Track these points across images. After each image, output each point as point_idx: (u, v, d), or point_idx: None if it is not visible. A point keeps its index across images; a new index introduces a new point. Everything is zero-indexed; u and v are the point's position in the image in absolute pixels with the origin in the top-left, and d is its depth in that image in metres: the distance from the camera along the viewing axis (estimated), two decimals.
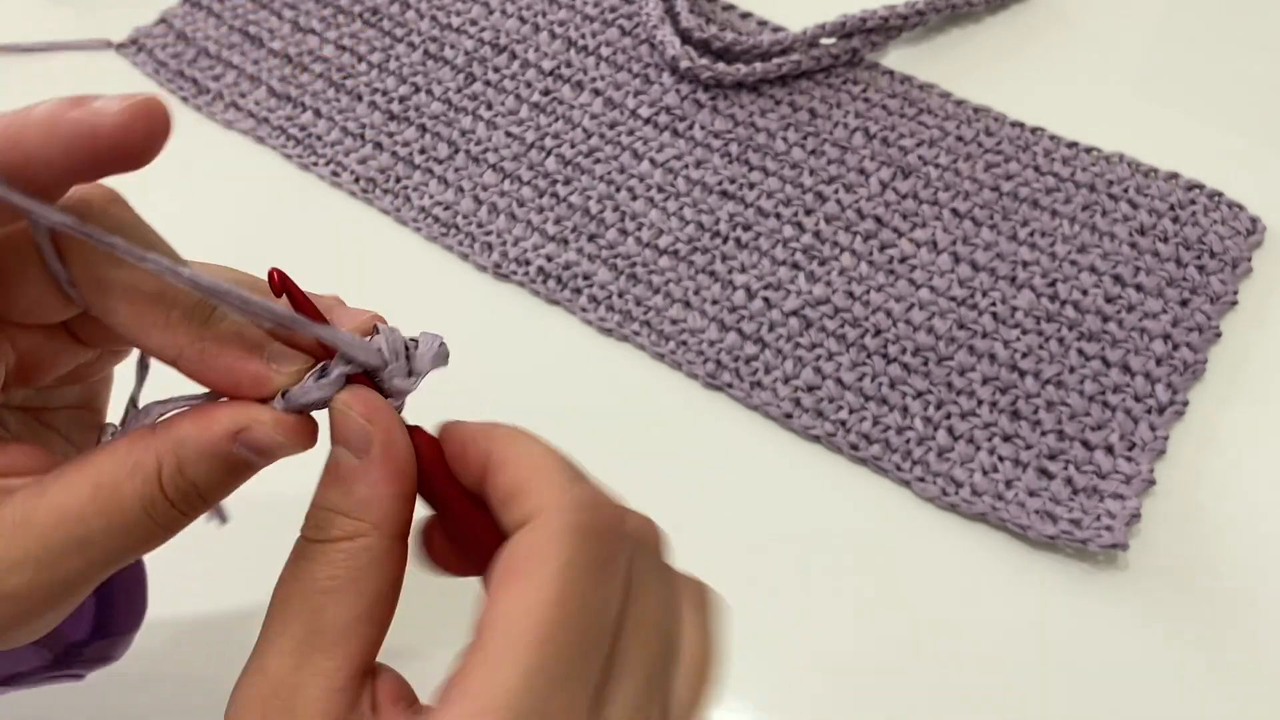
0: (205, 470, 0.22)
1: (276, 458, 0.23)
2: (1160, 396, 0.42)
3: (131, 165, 0.23)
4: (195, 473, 0.22)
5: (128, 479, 0.22)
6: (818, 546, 0.40)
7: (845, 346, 0.44)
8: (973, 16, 0.56)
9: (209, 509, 0.23)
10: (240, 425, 0.23)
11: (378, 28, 0.56)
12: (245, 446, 0.23)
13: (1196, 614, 0.38)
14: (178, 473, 0.22)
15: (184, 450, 0.22)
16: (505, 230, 0.48)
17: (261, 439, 0.23)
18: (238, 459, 0.23)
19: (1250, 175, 0.48)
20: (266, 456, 0.23)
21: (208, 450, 0.22)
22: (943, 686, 0.37)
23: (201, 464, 0.22)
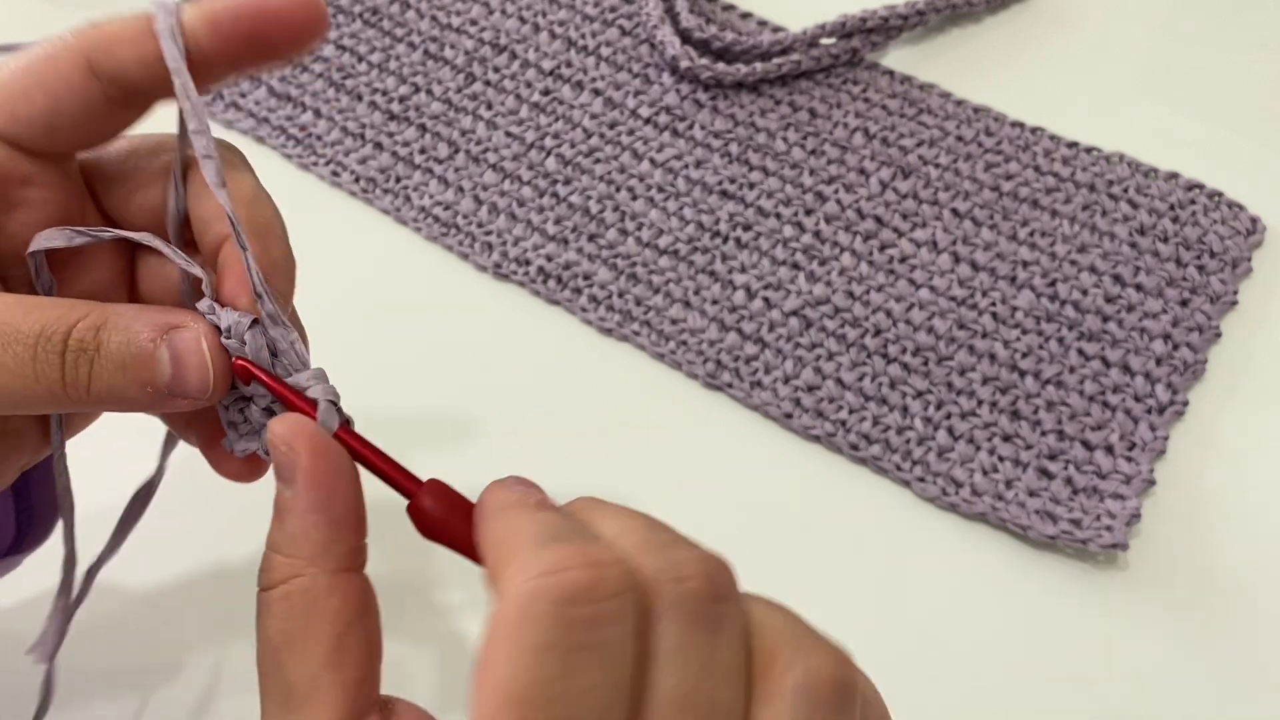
0: (119, 345, 0.22)
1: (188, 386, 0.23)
2: (1160, 396, 0.42)
3: (296, 49, 0.23)
4: (108, 340, 0.22)
5: (32, 311, 0.22)
6: (817, 547, 0.40)
7: (845, 346, 0.44)
8: (973, 16, 0.56)
9: (88, 404, 0.22)
10: (172, 323, 0.23)
11: (378, 28, 0.56)
12: (168, 346, 0.22)
13: (1196, 614, 0.38)
14: (91, 329, 0.22)
15: (110, 317, 0.22)
16: (505, 230, 0.48)
17: (187, 344, 0.22)
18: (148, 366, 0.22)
19: (1250, 175, 0.48)
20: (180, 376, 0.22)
21: (134, 329, 0.22)
22: (943, 686, 0.37)
23: (118, 336, 0.22)
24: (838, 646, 0.21)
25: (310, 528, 0.21)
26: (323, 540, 0.21)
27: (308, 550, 0.21)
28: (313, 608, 0.20)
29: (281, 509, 0.21)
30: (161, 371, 0.22)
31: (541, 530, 0.20)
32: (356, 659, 0.21)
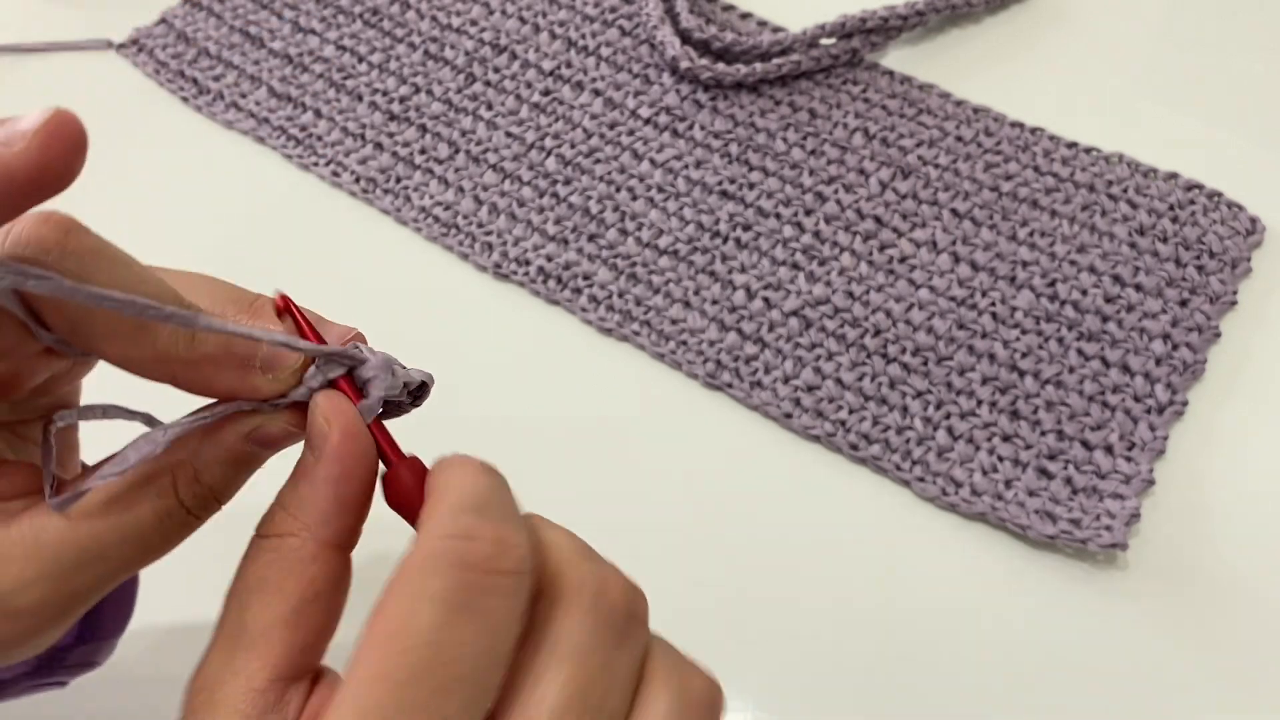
0: (221, 474, 0.23)
1: (285, 446, 0.23)
2: (1160, 396, 0.42)
3: (51, 194, 0.21)
4: (212, 477, 0.23)
5: (142, 493, 0.22)
6: (818, 546, 0.40)
7: (845, 346, 0.44)
8: (973, 16, 0.56)
9: (221, 508, 0.23)
10: (252, 426, 0.23)
11: (378, 28, 0.56)
12: (257, 443, 0.23)
13: (1196, 614, 0.38)
14: (194, 481, 0.22)
15: (199, 460, 0.23)
16: (505, 230, 0.48)
17: (273, 431, 0.23)
18: (249, 455, 0.23)
19: (1250, 175, 0.48)
20: (277, 446, 0.23)
21: (223, 456, 0.23)
22: (943, 686, 0.37)
23: (217, 469, 0.23)
24: (712, 676, 0.24)
25: (320, 497, 0.22)
26: (325, 510, 0.22)
27: (311, 515, 0.22)
28: (295, 566, 0.22)
29: (300, 472, 0.22)
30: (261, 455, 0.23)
31: (470, 495, 0.21)
32: (312, 626, 0.22)
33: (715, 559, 0.40)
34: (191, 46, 0.56)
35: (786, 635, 0.38)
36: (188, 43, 0.57)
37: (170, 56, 0.56)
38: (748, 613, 0.39)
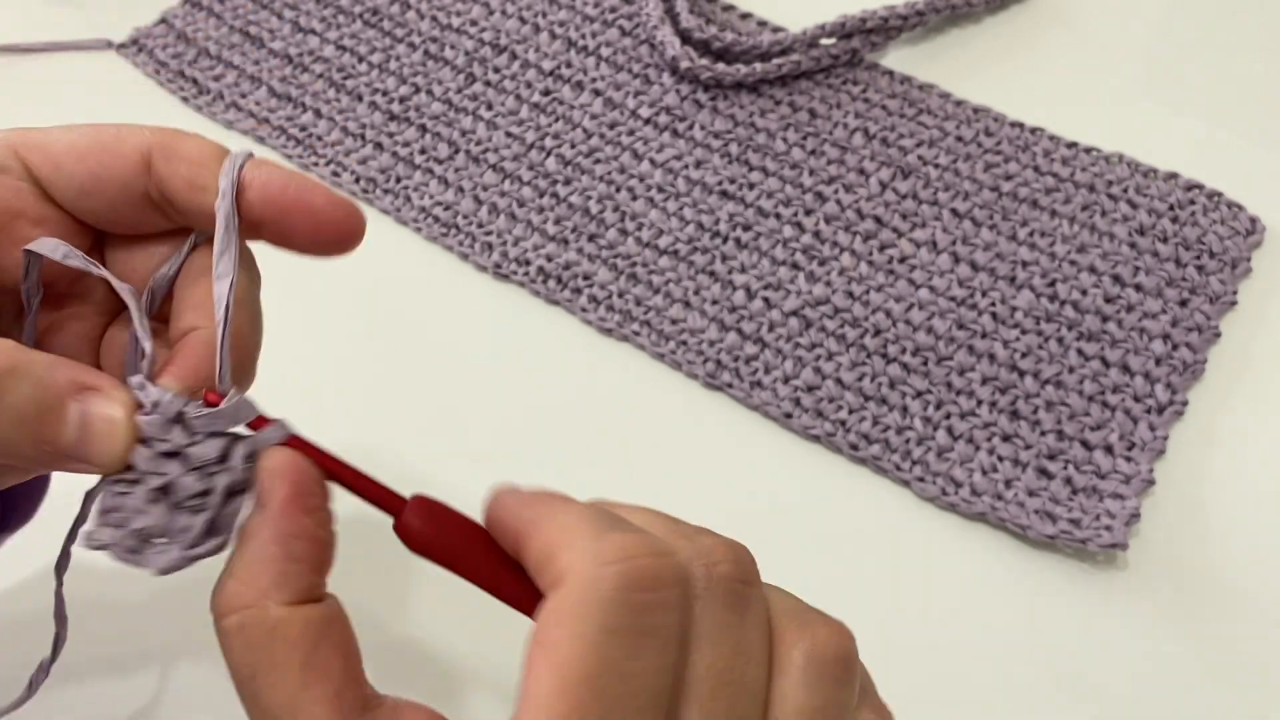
0: (24, 397, 0.21)
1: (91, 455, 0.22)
2: (1160, 396, 0.42)
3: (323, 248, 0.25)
4: (12, 389, 0.21)
5: None
6: (817, 546, 0.40)
7: (845, 346, 0.44)
8: (973, 16, 0.56)
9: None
10: (89, 384, 0.22)
11: (378, 28, 0.56)
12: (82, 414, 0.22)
13: (1196, 614, 0.38)
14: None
15: (21, 363, 0.21)
16: (505, 230, 0.48)
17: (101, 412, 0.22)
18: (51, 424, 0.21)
19: (1250, 175, 0.48)
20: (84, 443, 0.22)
21: (45, 382, 0.21)
22: (942, 686, 0.37)
23: (24, 386, 0.21)
24: (839, 621, 0.23)
25: (269, 559, 0.21)
26: (278, 574, 0.21)
27: (264, 580, 0.21)
28: (272, 636, 0.20)
29: (247, 534, 0.21)
30: (67, 433, 0.22)
31: (596, 519, 0.20)
32: (329, 672, 0.20)
33: None
34: (191, 46, 0.56)
35: None
36: (188, 43, 0.57)
37: (170, 56, 0.56)
38: None
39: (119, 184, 0.24)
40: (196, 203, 0.24)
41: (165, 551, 0.22)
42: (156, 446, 0.22)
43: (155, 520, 0.22)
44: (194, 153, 0.24)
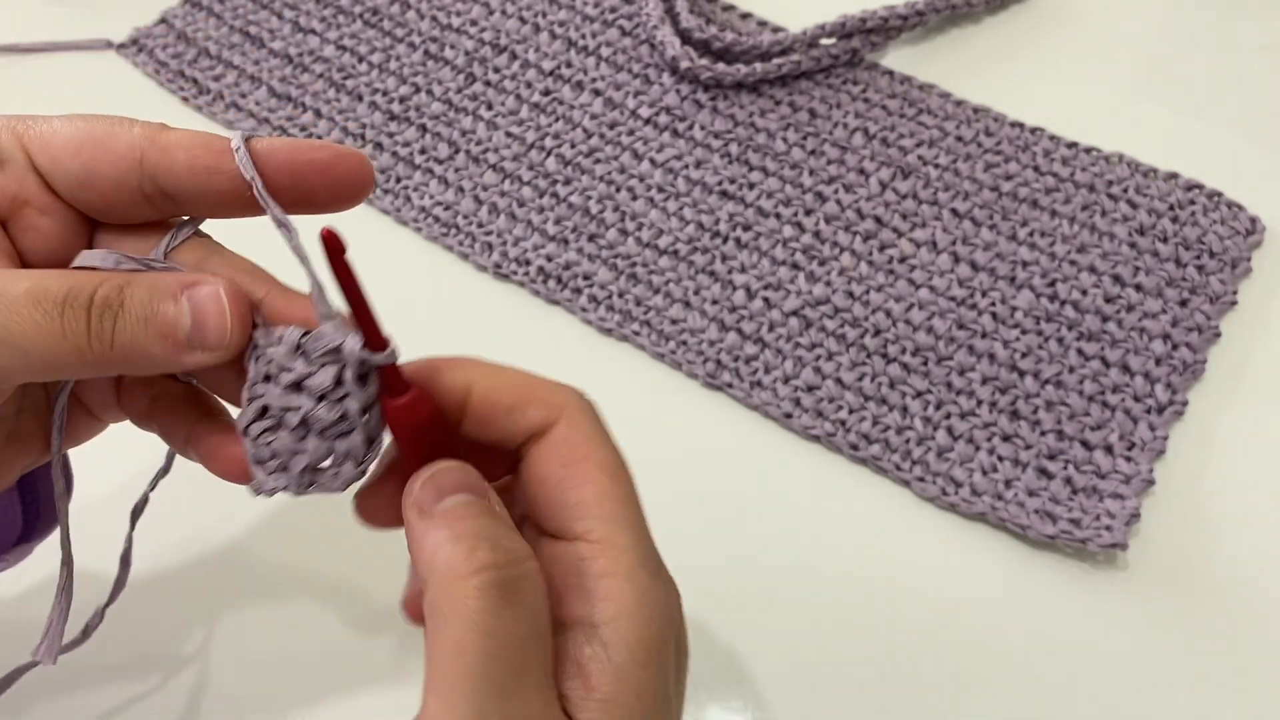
0: (142, 301, 0.24)
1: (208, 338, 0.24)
2: (1160, 396, 0.42)
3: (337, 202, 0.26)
4: (131, 296, 0.24)
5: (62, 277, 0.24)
6: (817, 546, 0.40)
7: (845, 346, 0.44)
8: (973, 16, 0.56)
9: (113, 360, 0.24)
10: (192, 281, 0.24)
11: (378, 28, 0.56)
12: (189, 301, 0.24)
13: (1196, 614, 0.38)
14: (115, 289, 0.24)
15: (134, 278, 0.24)
16: (505, 230, 0.48)
17: (207, 299, 0.24)
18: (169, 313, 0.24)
19: (1250, 175, 0.48)
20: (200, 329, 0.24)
21: (156, 287, 0.24)
22: (942, 686, 0.37)
23: (141, 292, 0.24)
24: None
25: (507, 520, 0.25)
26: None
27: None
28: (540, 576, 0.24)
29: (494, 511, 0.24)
30: (182, 324, 0.24)
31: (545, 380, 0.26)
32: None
33: (715, 559, 0.40)
34: (191, 46, 0.56)
35: (786, 635, 0.38)
36: (188, 43, 0.57)
37: (170, 56, 0.56)
38: (747, 612, 0.39)
39: (112, 180, 0.25)
40: (199, 185, 0.25)
41: (339, 474, 0.25)
42: (283, 380, 0.24)
43: (314, 452, 0.24)
44: (185, 141, 0.25)
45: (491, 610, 0.22)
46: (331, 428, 0.24)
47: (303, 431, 0.24)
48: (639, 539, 0.23)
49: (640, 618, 0.22)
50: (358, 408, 0.24)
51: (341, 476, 0.25)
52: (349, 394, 0.24)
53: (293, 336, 0.24)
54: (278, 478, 0.25)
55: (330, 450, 0.24)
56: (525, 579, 0.22)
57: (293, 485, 0.25)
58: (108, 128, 0.25)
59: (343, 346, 0.24)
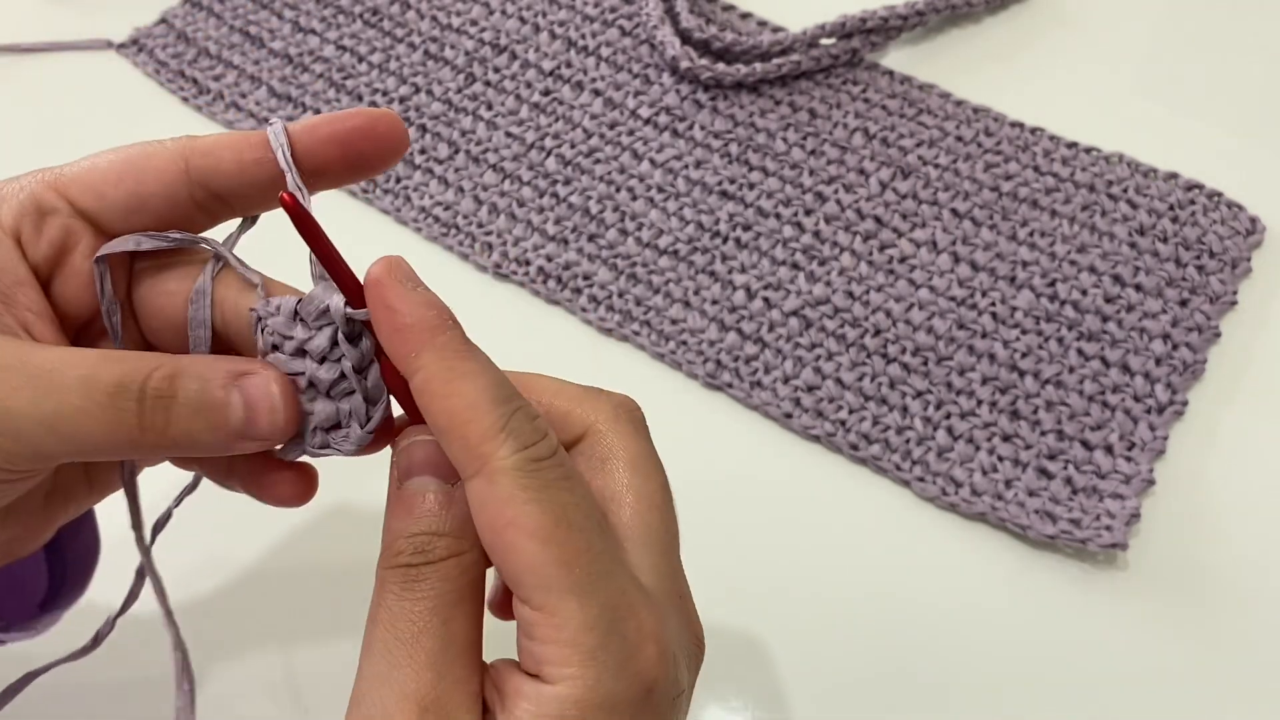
0: (195, 392, 0.24)
1: (259, 429, 0.24)
2: (1160, 396, 0.42)
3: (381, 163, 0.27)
4: (184, 388, 0.24)
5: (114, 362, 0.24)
6: (818, 546, 0.40)
7: (845, 346, 0.44)
8: (973, 16, 0.56)
9: (162, 448, 0.24)
10: (243, 370, 0.25)
11: (378, 28, 0.56)
12: (240, 392, 0.24)
13: (1196, 614, 0.38)
14: (167, 379, 0.24)
15: (184, 367, 0.24)
16: (505, 230, 0.48)
17: (258, 390, 0.24)
18: (221, 411, 0.24)
19: (1250, 175, 0.48)
20: (252, 420, 0.24)
21: (207, 377, 0.24)
22: (943, 686, 0.37)
23: (193, 384, 0.24)
24: None
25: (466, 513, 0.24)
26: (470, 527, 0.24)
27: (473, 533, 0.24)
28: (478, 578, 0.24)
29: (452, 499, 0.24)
30: (234, 415, 0.24)
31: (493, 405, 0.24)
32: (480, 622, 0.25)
33: (715, 559, 0.40)
34: (191, 46, 0.57)
35: (786, 635, 0.38)
36: (188, 43, 0.57)
37: (170, 56, 0.56)
38: (747, 612, 0.39)
39: (163, 196, 0.26)
40: (249, 179, 0.26)
41: (349, 435, 0.25)
42: (286, 347, 0.25)
43: (323, 412, 0.25)
44: (225, 140, 0.26)
45: (394, 592, 0.23)
46: (334, 388, 0.25)
47: (311, 394, 0.25)
48: (582, 604, 0.22)
49: (587, 680, 0.22)
50: (351, 366, 0.25)
51: (351, 438, 0.25)
52: (343, 354, 0.25)
53: (289, 304, 0.25)
54: (296, 442, 0.26)
55: (338, 411, 0.25)
56: (433, 571, 0.23)
57: (307, 447, 0.26)
58: (141, 150, 0.26)
59: (330, 306, 0.24)
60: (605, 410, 0.27)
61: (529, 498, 0.22)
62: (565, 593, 0.22)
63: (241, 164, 0.26)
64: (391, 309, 0.23)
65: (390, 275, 0.24)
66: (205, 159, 0.26)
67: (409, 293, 0.24)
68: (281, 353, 0.25)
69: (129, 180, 0.26)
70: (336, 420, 0.25)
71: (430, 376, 0.23)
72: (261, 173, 0.26)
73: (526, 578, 0.22)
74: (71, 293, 0.26)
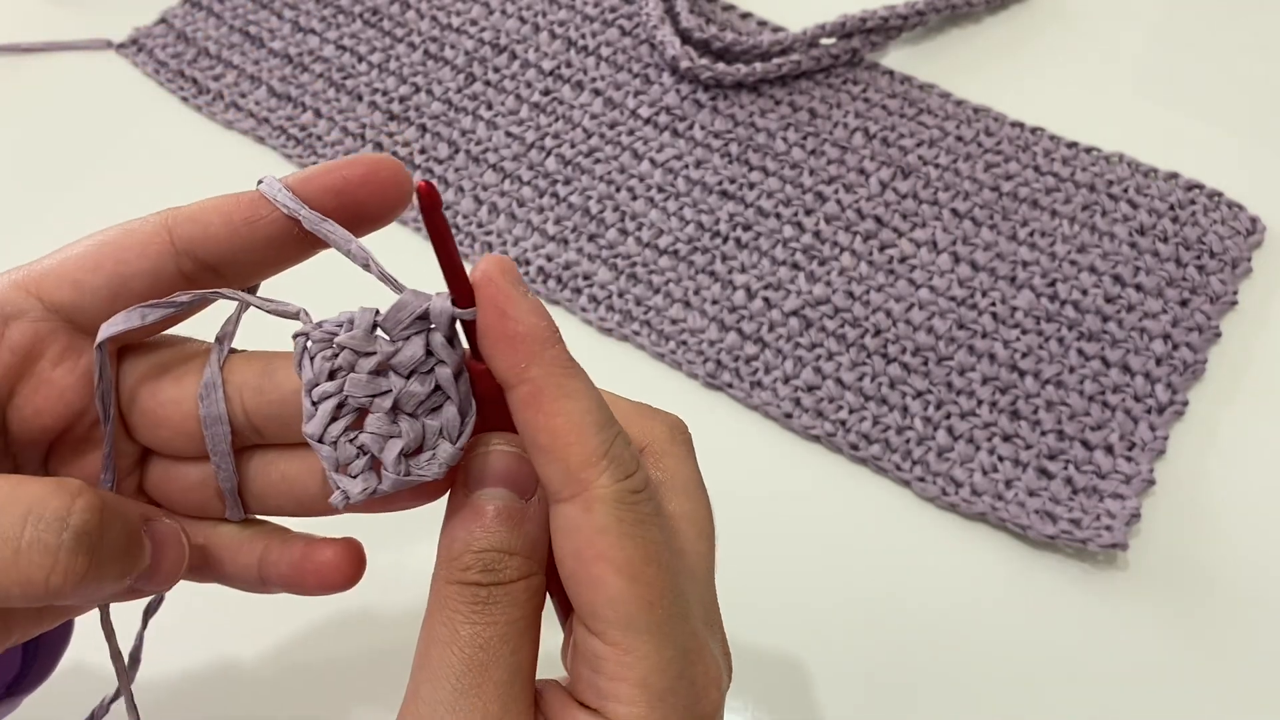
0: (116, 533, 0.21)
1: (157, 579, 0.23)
2: (1160, 396, 0.42)
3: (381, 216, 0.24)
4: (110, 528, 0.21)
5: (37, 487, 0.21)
6: (818, 546, 0.40)
7: (845, 346, 0.44)
8: (973, 16, 0.56)
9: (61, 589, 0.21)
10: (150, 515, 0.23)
11: (378, 28, 0.56)
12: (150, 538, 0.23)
13: (1196, 614, 0.38)
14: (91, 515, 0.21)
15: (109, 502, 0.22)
16: (505, 230, 0.48)
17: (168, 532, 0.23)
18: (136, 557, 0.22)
19: (1250, 175, 0.48)
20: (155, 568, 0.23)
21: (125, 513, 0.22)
22: (943, 686, 0.37)
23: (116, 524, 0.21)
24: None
25: (542, 534, 0.23)
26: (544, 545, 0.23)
27: (542, 553, 0.23)
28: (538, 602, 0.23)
29: (517, 516, 0.23)
30: (142, 561, 0.23)
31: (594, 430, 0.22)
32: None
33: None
34: (191, 46, 0.56)
35: (786, 635, 0.38)
36: (187, 42, 0.57)
37: (170, 56, 0.56)
38: (747, 613, 0.38)
39: (148, 273, 0.24)
40: (241, 243, 0.24)
41: (435, 456, 0.22)
42: (363, 366, 0.22)
43: (411, 433, 0.22)
44: (211, 204, 0.24)
45: (462, 612, 0.22)
46: (424, 403, 0.22)
47: (392, 417, 0.22)
48: (658, 644, 0.21)
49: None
50: (450, 374, 0.22)
51: (439, 458, 0.23)
52: (441, 360, 0.22)
53: (365, 318, 0.22)
54: (368, 478, 0.23)
55: (423, 431, 0.22)
56: (504, 595, 0.22)
57: (388, 479, 0.22)
58: (120, 229, 0.24)
59: (430, 309, 0.22)
60: (662, 432, 0.26)
61: (623, 531, 0.21)
62: (644, 632, 0.21)
63: (232, 226, 0.23)
64: (505, 314, 0.22)
65: (504, 277, 0.22)
66: (191, 225, 0.24)
67: (522, 298, 0.22)
68: (355, 373, 0.22)
69: (109, 262, 0.23)
70: (422, 441, 0.23)
71: (538, 390, 0.21)
72: (255, 234, 0.24)
73: (607, 612, 0.21)
74: (37, 407, 0.24)
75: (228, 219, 0.23)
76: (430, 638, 0.22)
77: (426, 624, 0.22)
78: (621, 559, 0.21)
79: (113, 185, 0.51)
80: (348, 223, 0.24)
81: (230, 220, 0.23)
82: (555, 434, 0.21)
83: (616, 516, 0.21)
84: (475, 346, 0.22)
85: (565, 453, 0.21)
